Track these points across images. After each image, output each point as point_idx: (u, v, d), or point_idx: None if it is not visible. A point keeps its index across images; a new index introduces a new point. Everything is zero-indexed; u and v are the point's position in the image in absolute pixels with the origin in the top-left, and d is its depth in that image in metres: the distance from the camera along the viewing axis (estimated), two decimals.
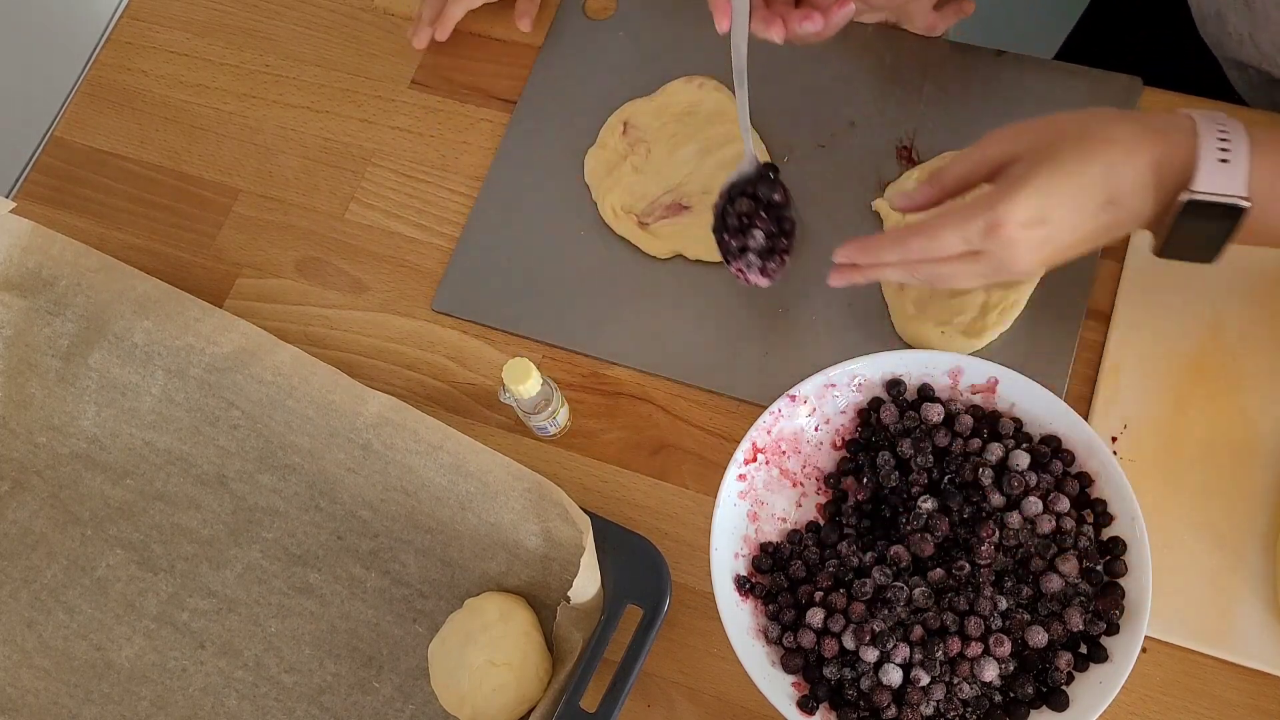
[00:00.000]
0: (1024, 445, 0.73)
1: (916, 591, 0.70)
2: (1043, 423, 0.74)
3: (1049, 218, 0.67)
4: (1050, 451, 0.73)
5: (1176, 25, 0.99)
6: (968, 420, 0.74)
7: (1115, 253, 0.82)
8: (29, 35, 1.89)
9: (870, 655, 0.69)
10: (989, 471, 0.73)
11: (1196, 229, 0.67)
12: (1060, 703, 0.68)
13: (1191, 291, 0.80)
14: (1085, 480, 0.72)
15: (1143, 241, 0.81)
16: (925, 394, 0.76)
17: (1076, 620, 0.68)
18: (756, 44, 0.92)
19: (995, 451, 0.73)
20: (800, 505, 0.77)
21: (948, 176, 0.73)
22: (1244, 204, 0.64)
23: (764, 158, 0.89)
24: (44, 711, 0.81)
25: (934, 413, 0.74)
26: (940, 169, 0.74)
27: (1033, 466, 0.73)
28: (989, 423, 0.75)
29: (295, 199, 0.95)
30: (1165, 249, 0.70)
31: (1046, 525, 0.71)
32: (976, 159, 0.72)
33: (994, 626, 0.70)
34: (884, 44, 0.92)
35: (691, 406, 0.84)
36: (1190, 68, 0.92)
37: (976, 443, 0.74)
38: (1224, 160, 0.64)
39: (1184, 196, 0.65)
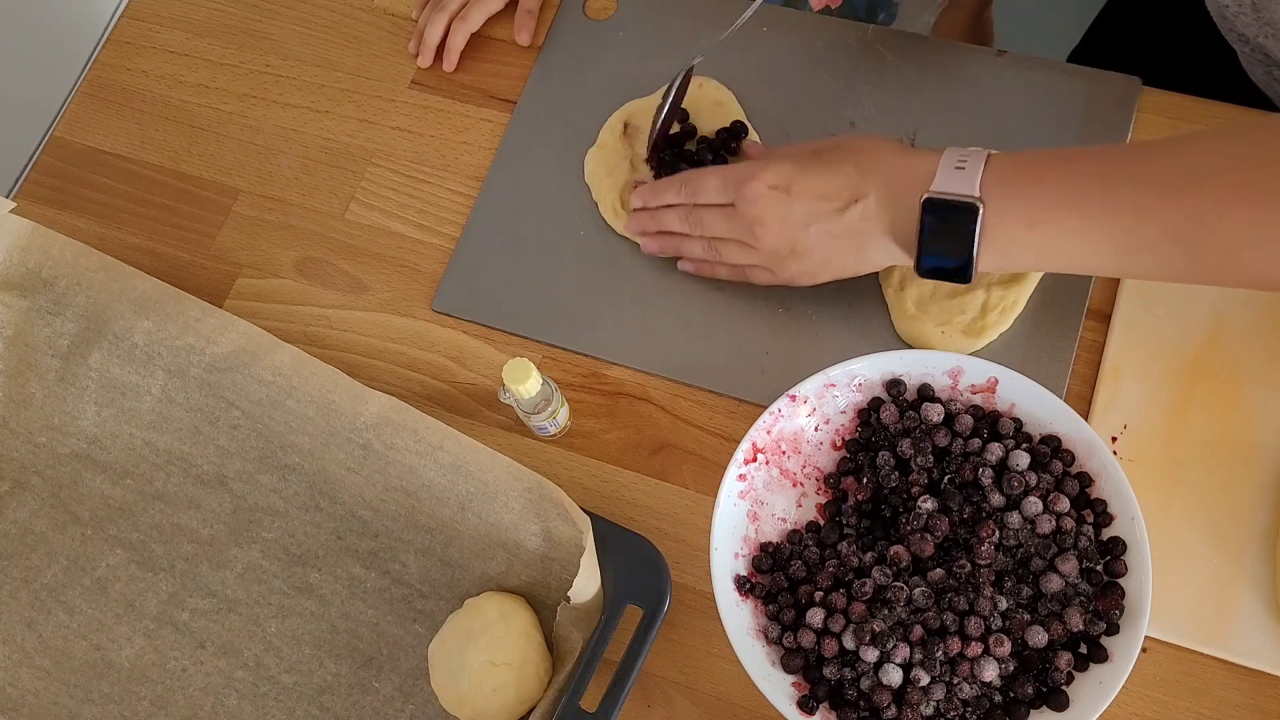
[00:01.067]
0: (1024, 445, 0.74)
1: (916, 591, 0.70)
2: (1043, 423, 0.74)
3: (793, 187, 0.76)
4: (1050, 451, 0.73)
5: (1177, 24, 0.99)
6: (968, 420, 0.74)
7: None
8: (29, 35, 1.89)
9: (870, 655, 0.69)
10: (989, 471, 0.73)
11: (938, 230, 0.72)
12: (1060, 703, 0.68)
13: (1192, 292, 0.80)
14: (1085, 480, 0.72)
15: None
16: (925, 394, 0.76)
17: (1076, 620, 0.68)
18: (757, 45, 0.93)
19: (995, 451, 0.73)
20: (800, 505, 0.77)
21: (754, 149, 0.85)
22: (975, 201, 0.70)
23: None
24: (44, 711, 0.81)
25: (934, 413, 0.74)
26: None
27: (1033, 466, 0.73)
28: (989, 423, 0.75)
29: (295, 199, 0.95)
30: (920, 260, 0.74)
31: (1046, 525, 0.71)
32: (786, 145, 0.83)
33: (994, 626, 0.70)
34: (884, 44, 0.92)
35: (691, 406, 0.84)
36: (1193, 68, 0.92)
37: (976, 443, 0.74)
38: (960, 168, 0.72)
39: (922, 196, 0.72)
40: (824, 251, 0.77)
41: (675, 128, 0.90)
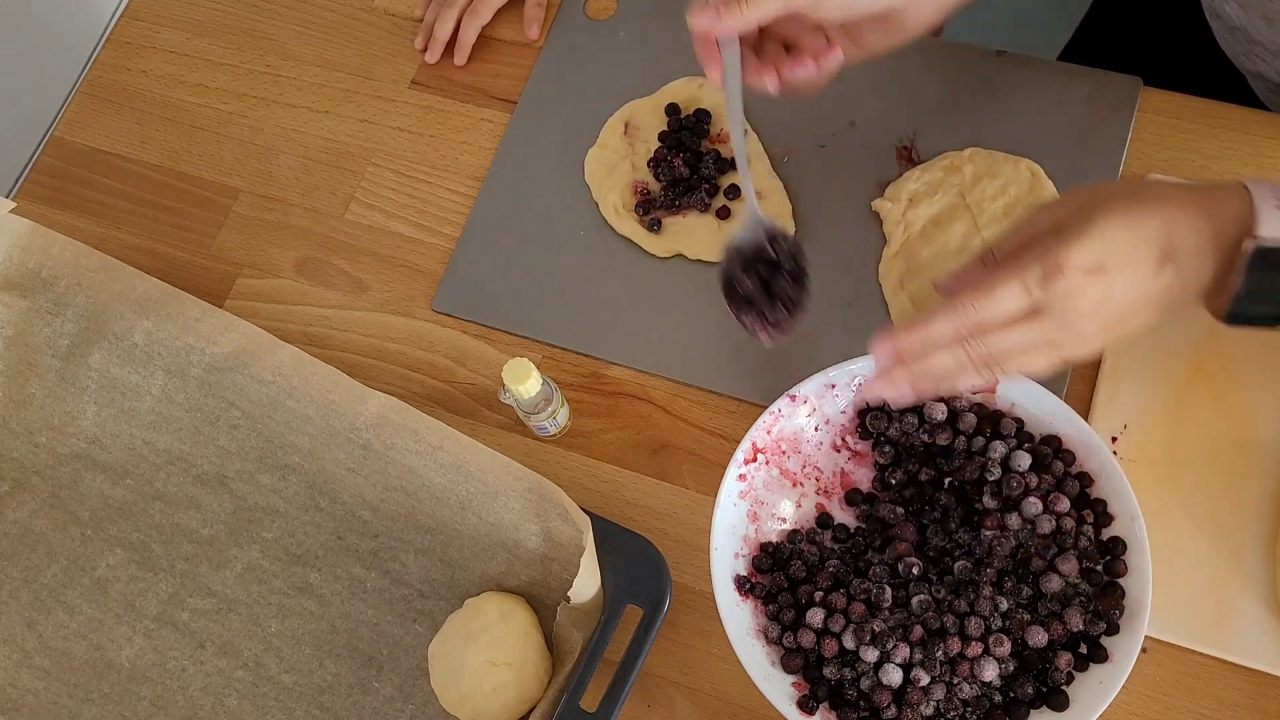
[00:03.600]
0: (1025, 445, 0.74)
1: (916, 598, 0.71)
2: (1043, 423, 0.74)
3: (1108, 264, 0.63)
4: (1051, 452, 0.73)
5: (1178, 25, 0.99)
6: (970, 420, 0.74)
7: None
8: (29, 35, 1.89)
9: (870, 655, 0.69)
10: (991, 471, 0.73)
11: (1267, 281, 0.63)
12: (1060, 703, 0.68)
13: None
14: (1085, 480, 0.72)
15: None
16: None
17: (1076, 620, 0.68)
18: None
19: (996, 451, 0.73)
20: (800, 505, 0.77)
21: (1000, 251, 0.70)
22: None
23: (764, 161, 0.89)
24: (44, 711, 0.81)
25: (937, 411, 0.74)
26: (990, 247, 0.70)
27: (1033, 467, 0.73)
28: (990, 423, 0.75)
29: (295, 199, 0.95)
30: (1234, 311, 0.65)
31: (1046, 526, 0.71)
32: (1028, 229, 0.68)
33: (994, 626, 0.70)
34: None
35: (691, 406, 0.84)
36: (1192, 68, 0.92)
37: (979, 441, 0.74)
38: None
39: (1249, 244, 0.62)
40: (1137, 322, 0.66)
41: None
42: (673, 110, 0.91)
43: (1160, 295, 0.65)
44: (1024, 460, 0.72)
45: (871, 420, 0.76)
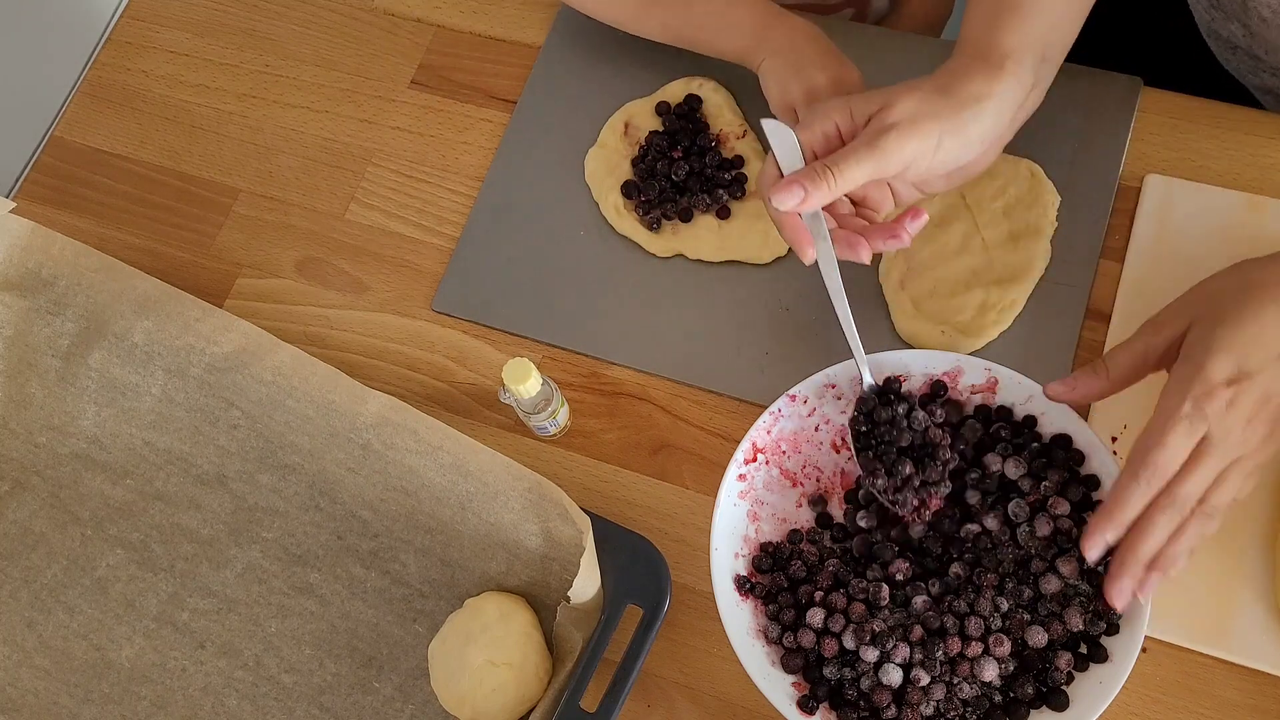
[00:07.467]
0: (1025, 446, 0.73)
1: (917, 599, 0.71)
2: (1043, 423, 0.74)
3: (1249, 367, 0.64)
4: (1050, 452, 0.73)
5: (1177, 25, 0.99)
6: (969, 420, 0.74)
7: (1115, 253, 0.82)
8: (29, 35, 1.89)
9: (870, 655, 0.69)
10: (990, 472, 0.73)
11: None
12: (1060, 703, 0.68)
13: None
14: (1093, 483, 0.72)
15: (1143, 241, 0.81)
16: (938, 391, 0.76)
17: (1076, 620, 0.68)
18: None
19: (995, 452, 0.73)
20: (800, 505, 0.77)
21: (1116, 365, 0.69)
22: None
23: (763, 164, 0.89)
24: (44, 711, 0.81)
25: (936, 413, 0.74)
26: (1102, 359, 0.70)
27: (1033, 468, 0.73)
28: (989, 423, 0.75)
29: (295, 199, 0.95)
30: None
31: (1045, 527, 0.71)
32: (1142, 346, 0.68)
33: (994, 626, 0.70)
34: (885, 44, 0.92)
35: (691, 406, 0.84)
36: (1191, 67, 0.92)
37: (984, 442, 0.74)
38: None
39: None
40: None
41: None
42: (664, 109, 0.90)
43: None
44: (1023, 461, 0.72)
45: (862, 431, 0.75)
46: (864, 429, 0.74)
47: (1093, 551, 0.66)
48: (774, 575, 0.74)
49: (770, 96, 0.82)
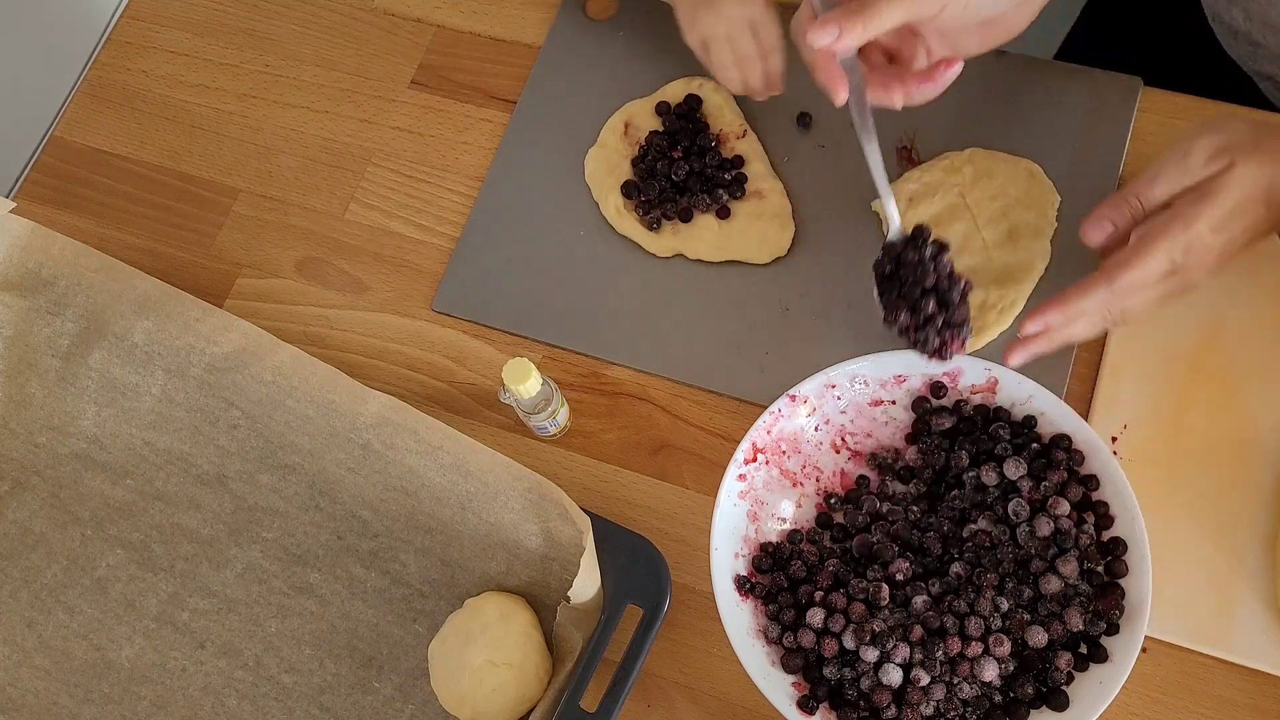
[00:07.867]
0: (1024, 446, 0.73)
1: (917, 599, 0.71)
2: (1043, 423, 0.74)
3: (1232, 221, 0.69)
4: (1050, 452, 0.73)
5: (1177, 24, 0.99)
6: (969, 420, 0.74)
7: None
8: (29, 35, 1.89)
9: (870, 655, 0.69)
10: (990, 472, 0.73)
11: None
12: (1060, 703, 0.68)
13: (1192, 292, 0.79)
14: (1092, 484, 0.72)
15: None
16: (937, 393, 0.76)
17: (1076, 620, 0.68)
18: None
19: (995, 452, 0.73)
20: (800, 505, 0.77)
21: (1146, 199, 0.72)
22: None
23: (764, 161, 0.89)
24: (44, 711, 0.81)
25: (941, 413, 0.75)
26: (1136, 192, 0.72)
27: (1033, 468, 0.73)
28: (989, 423, 0.75)
29: (295, 199, 0.95)
30: None
31: (1046, 527, 0.71)
32: (1176, 178, 0.71)
33: (994, 627, 0.70)
34: None
35: (691, 406, 0.84)
36: (1191, 67, 0.92)
37: (985, 443, 0.74)
38: None
39: None
40: (1240, 251, 0.72)
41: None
42: (664, 109, 0.90)
43: (1263, 228, 0.71)
44: (1023, 461, 0.72)
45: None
46: (888, 270, 0.75)
47: (1032, 323, 0.72)
48: (774, 575, 0.74)
49: None
